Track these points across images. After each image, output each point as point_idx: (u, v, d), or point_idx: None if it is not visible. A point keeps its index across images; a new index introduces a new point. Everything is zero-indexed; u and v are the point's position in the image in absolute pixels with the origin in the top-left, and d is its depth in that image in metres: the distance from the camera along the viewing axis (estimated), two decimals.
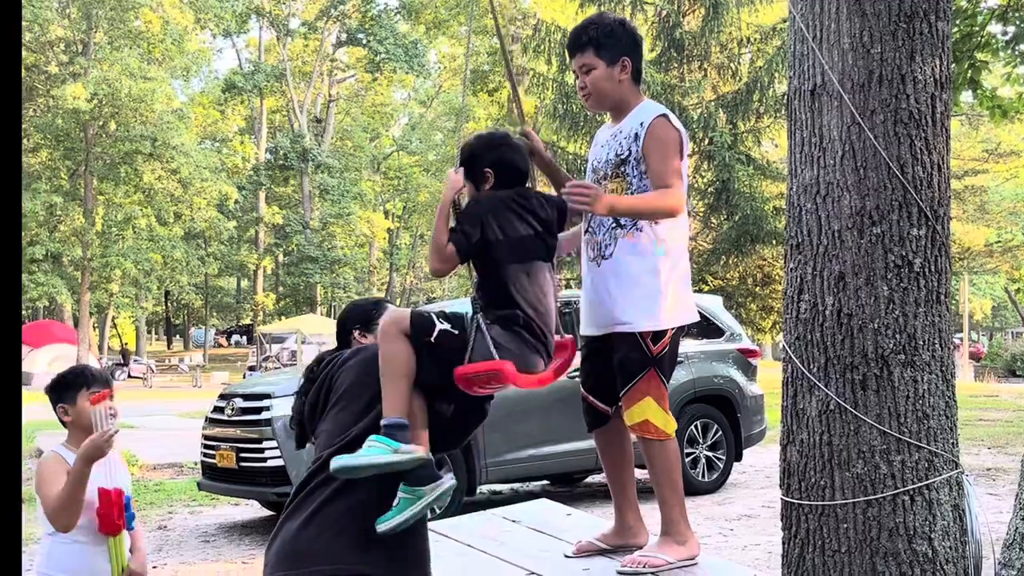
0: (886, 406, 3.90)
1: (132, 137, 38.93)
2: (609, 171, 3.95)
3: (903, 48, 3.96)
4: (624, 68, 3.97)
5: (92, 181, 39.76)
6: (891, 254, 3.93)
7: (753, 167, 22.15)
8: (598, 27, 4.01)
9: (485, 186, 3.60)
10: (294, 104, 51.97)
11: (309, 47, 55.27)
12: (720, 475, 10.38)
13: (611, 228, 3.89)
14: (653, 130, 3.85)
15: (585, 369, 4.07)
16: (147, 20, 41.15)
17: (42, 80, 41.82)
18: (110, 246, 39.60)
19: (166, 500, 10.68)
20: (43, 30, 39.20)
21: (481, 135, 3.81)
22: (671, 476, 3.85)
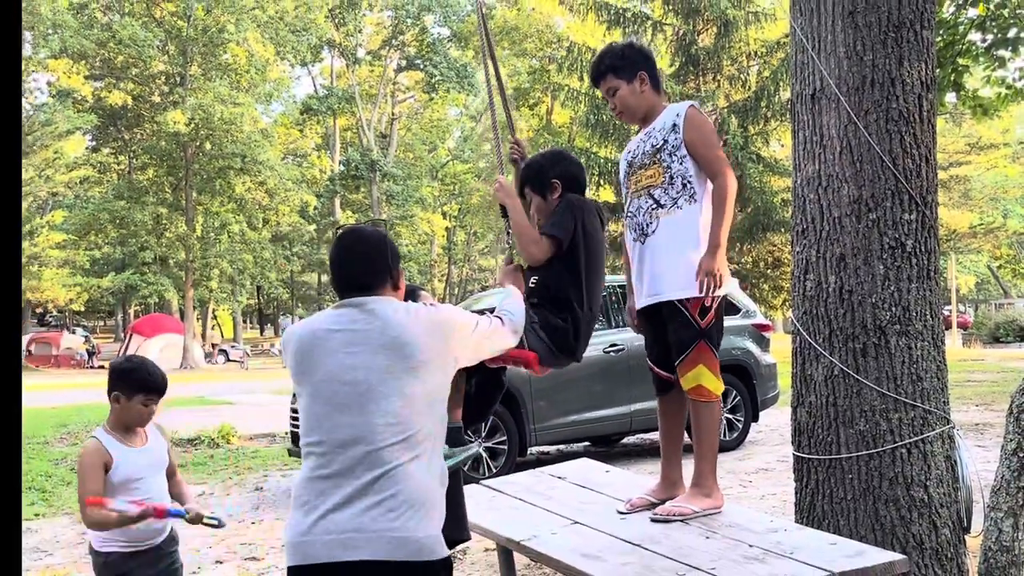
0: (884, 371, 3.86)
1: (225, 155, 39.31)
2: (646, 160, 3.89)
3: (892, 55, 3.90)
4: (643, 81, 3.93)
5: (192, 194, 40.19)
6: (886, 237, 3.87)
7: (763, 165, 21.98)
8: (611, 54, 4.01)
9: (553, 195, 3.65)
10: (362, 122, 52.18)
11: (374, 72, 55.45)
12: (740, 434, 10.31)
13: (651, 208, 3.83)
14: (691, 120, 3.78)
15: (648, 343, 4.01)
16: (234, 54, 41.48)
17: (147, 108, 42.36)
18: (209, 249, 40.04)
19: (261, 465, 10.78)
20: (146, 65, 39.65)
21: (545, 154, 3.89)
22: (711, 435, 3.82)
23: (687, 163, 3.75)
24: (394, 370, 2.60)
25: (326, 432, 2.59)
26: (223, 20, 39.33)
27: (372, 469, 2.52)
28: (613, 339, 9.62)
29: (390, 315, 2.67)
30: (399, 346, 2.62)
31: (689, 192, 3.74)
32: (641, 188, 3.88)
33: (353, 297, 2.74)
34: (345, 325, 2.68)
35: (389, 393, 2.58)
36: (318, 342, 2.68)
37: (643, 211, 3.86)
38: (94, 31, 38.87)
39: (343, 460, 2.55)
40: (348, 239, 2.86)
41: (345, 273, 2.80)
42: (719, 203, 3.67)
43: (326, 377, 2.64)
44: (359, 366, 2.61)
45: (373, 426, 2.55)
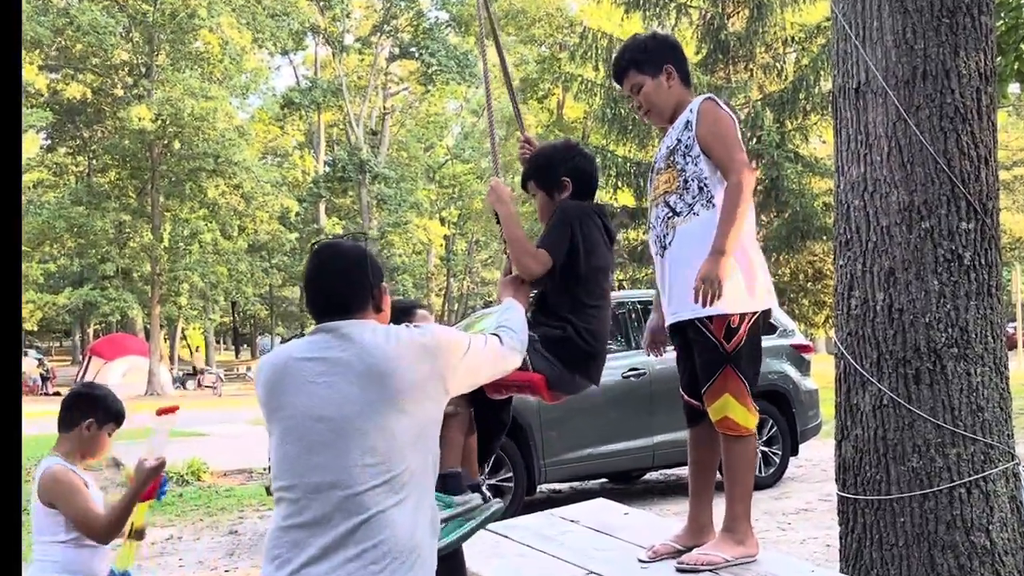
0: (940, 400, 3.85)
1: (195, 155, 39.43)
2: (663, 164, 3.89)
3: (947, 43, 3.90)
4: (670, 75, 3.91)
5: (159, 198, 40.30)
6: (940, 248, 3.87)
7: (801, 164, 21.97)
8: (632, 48, 4.00)
9: (564, 193, 3.63)
10: (350, 118, 52.32)
11: (364, 62, 55.62)
12: (777, 469, 10.29)
13: (667, 218, 3.81)
14: (705, 114, 3.76)
15: (680, 367, 3.99)
16: (206, 41, 41.64)
17: (109, 103, 42.53)
18: (177, 260, 40.11)
19: (236, 505, 10.79)
20: (108, 55, 39.82)
21: (556, 145, 3.85)
22: (744, 474, 3.78)
23: (701, 163, 3.72)
24: (374, 403, 2.58)
25: (298, 475, 2.57)
26: (194, 3, 39.49)
27: (351, 516, 2.49)
28: (633, 362, 9.60)
29: (368, 340, 2.65)
30: (378, 376, 2.60)
31: (706, 196, 3.71)
32: (659, 196, 3.88)
33: (329, 321, 2.73)
34: (319, 353, 2.66)
35: (368, 429, 2.56)
36: (289, 373, 2.67)
37: (660, 221, 3.85)
38: (49, 16, 39.05)
39: (318, 506, 2.52)
40: (324, 255, 2.85)
41: (321, 294, 2.79)
42: (728, 203, 3.59)
43: (298, 412, 2.62)
44: (334, 399, 2.59)
45: (351, 467, 2.53)
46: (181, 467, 12.58)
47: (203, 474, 12.69)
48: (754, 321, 3.72)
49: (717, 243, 3.55)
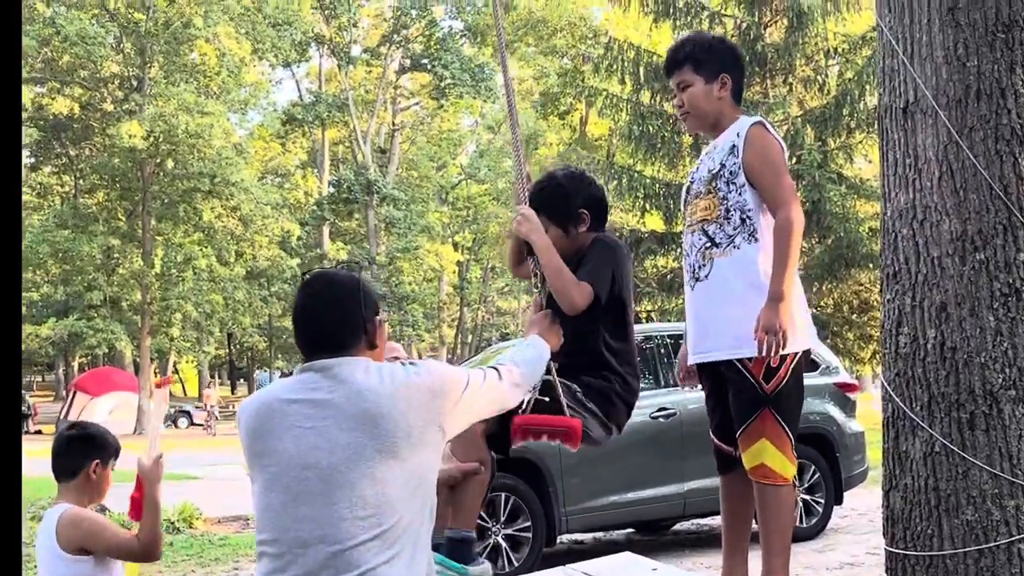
0: (997, 446, 3.83)
1: (190, 175, 39.63)
2: (702, 188, 3.90)
3: (1002, 60, 3.91)
4: (724, 85, 3.93)
5: (150, 221, 40.52)
6: (997, 282, 3.86)
7: (846, 186, 21.91)
8: (696, 43, 4.01)
9: (582, 227, 3.64)
10: (357, 135, 52.58)
11: (372, 75, 55.96)
12: (819, 520, 10.22)
13: (705, 248, 3.82)
14: (753, 141, 3.78)
15: (709, 408, 3.99)
16: (202, 53, 42.00)
17: (97, 119, 42.84)
18: (170, 288, 40.25)
19: (231, 555, 10.78)
20: (97, 67, 40.15)
21: (565, 175, 3.84)
22: (781, 525, 3.77)
23: (746, 193, 3.75)
24: (364, 450, 2.57)
25: (283, 528, 2.57)
26: (189, 12, 39.84)
27: (339, 574, 2.49)
28: (662, 402, 9.58)
29: (360, 381, 2.65)
30: (370, 420, 2.59)
31: (749, 229, 3.73)
32: (696, 222, 3.89)
33: (319, 358, 2.72)
34: (306, 395, 2.66)
35: (359, 479, 2.55)
36: (275, 416, 2.66)
37: (696, 250, 3.86)
38: (35, 26, 39.44)
39: (304, 563, 2.52)
40: (314, 286, 2.86)
41: (310, 328, 2.79)
42: (781, 243, 3.63)
43: (283, 460, 2.61)
44: (323, 446, 2.58)
45: (340, 520, 2.52)
46: (172, 513, 12.58)
47: (195, 521, 12.67)
48: (796, 361, 3.73)
49: (774, 288, 3.57)
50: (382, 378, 2.66)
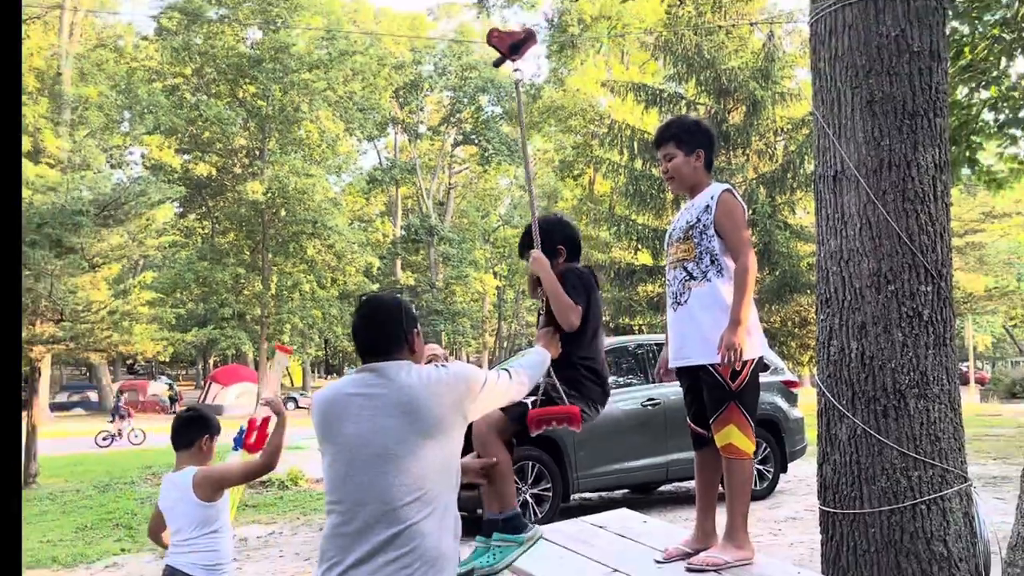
0: (904, 431, 3.80)
1: (298, 221, 39.89)
2: (680, 235, 3.89)
3: (908, 140, 3.90)
4: (699, 157, 3.92)
5: (268, 256, 40.77)
6: (904, 307, 3.84)
7: (789, 232, 21.81)
8: (679, 125, 4.00)
9: (559, 259, 3.67)
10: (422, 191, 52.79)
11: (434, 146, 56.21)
12: (769, 484, 10.16)
13: (684, 280, 3.82)
14: (723, 205, 3.76)
15: (686, 402, 3.98)
16: (308, 130, 42.31)
17: (229, 179, 43.22)
18: (282, 306, 40.46)
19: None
20: (229, 140, 40.56)
21: (553, 218, 3.88)
22: (742, 490, 3.75)
23: (714, 241, 3.75)
24: (407, 433, 2.59)
25: (347, 492, 2.58)
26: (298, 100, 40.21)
27: (390, 527, 2.51)
28: (650, 394, 9.56)
29: (402, 379, 2.66)
30: (411, 410, 2.61)
31: (717, 267, 3.74)
32: (676, 260, 3.90)
33: (372, 361, 2.74)
34: (362, 389, 2.67)
35: (404, 455, 2.57)
36: (339, 407, 2.68)
37: (677, 281, 3.87)
38: (184, 110, 39.91)
39: (363, 518, 2.53)
40: (366, 308, 2.86)
41: (363, 340, 2.79)
42: (739, 282, 3.65)
43: (346, 440, 2.62)
44: (376, 430, 2.59)
45: (389, 487, 2.55)
46: (282, 475, 12.63)
47: (300, 480, 12.72)
48: (755, 364, 3.74)
49: (735, 315, 3.57)
50: (420, 377, 2.67)
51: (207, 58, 40.70)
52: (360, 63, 42.63)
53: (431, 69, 51.84)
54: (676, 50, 22.42)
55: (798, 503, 9.78)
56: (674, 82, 23.85)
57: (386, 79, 45.93)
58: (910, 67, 3.93)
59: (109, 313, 13.98)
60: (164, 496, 3.89)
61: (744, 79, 21.85)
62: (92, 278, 14.48)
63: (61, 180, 17.47)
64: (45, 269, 12.87)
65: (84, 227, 13.34)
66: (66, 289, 13.25)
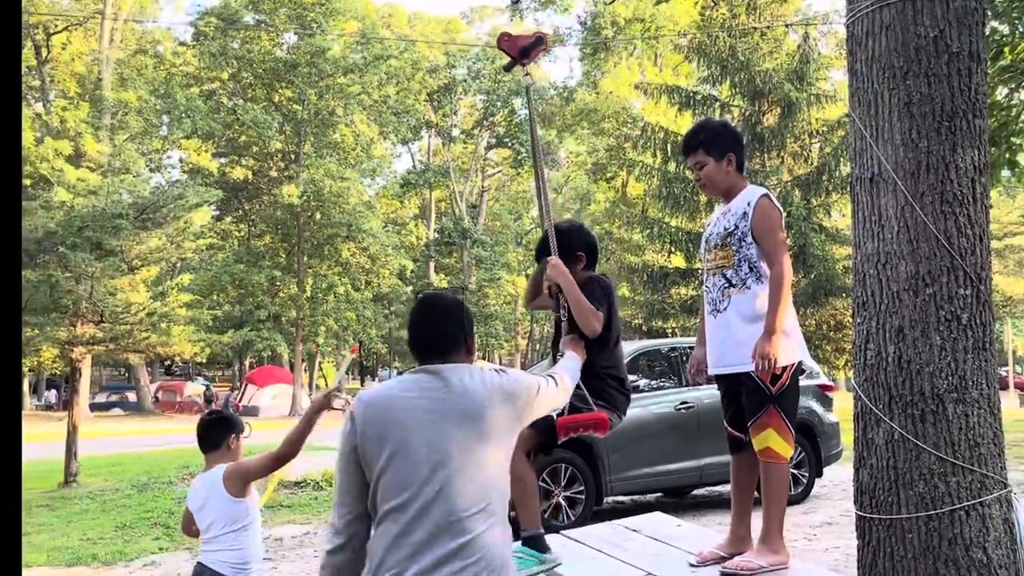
0: (942, 436, 3.75)
1: (333, 224, 40.17)
2: (718, 242, 3.88)
3: (946, 142, 3.85)
4: (730, 161, 3.91)
5: (303, 258, 41.09)
6: (942, 311, 3.79)
7: (825, 235, 21.61)
8: (706, 131, 3.98)
9: (579, 265, 3.67)
10: (455, 194, 52.92)
11: (467, 150, 56.34)
12: (804, 489, 10.06)
13: (723, 287, 3.81)
14: (759, 211, 3.76)
15: (723, 405, 3.96)
16: (343, 134, 42.59)
17: (265, 182, 43.63)
18: (317, 308, 40.75)
19: None
20: (265, 144, 40.93)
21: (573, 226, 3.87)
22: (779, 494, 3.73)
23: (752, 249, 3.75)
24: (472, 441, 2.48)
25: (409, 501, 2.44)
26: (333, 104, 40.51)
27: (455, 538, 2.40)
28: (684, 397, 9.51)
29: (466, 383, 2.54)
30: (475, 417, 2.50)
31: (756, 274, 3.74)
32: (715, 267, 3.88)
33: (430, 363, 2.61)
34: (422, 393, 2.54)
35: (469, 464, 2.46)
36: (397, 411, 2.52)
37: (716, 288, 3.87)
38: (220, 114, 40.35)
39: (427, 528, 2.41)
40: (428, 305, 2.73)
41: (425, 339, 2.66)
42: (774, 290, 3.64)
43: (406, 446, 2.47)
44: (440, 437, 2.47)
45: (455, 497, 2.43)
46: (316, 475, 12.71)
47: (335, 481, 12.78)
48: (794, 368, 3.73)
49: (770, 324, 3.58)
50: (483, 382, 2.57)
51: (244, 63, 41.12)
52: (394, 67, 42.86)
53: (465, 72, 51.96)
54: (710, 52, 22.30)
55: (833, 508, 9.68)
56: (708, 84, 23.73)
57: (420, 83, 46.10)
58: (949, 68, 3.88)
59: (148, 315, 14.15)
60: (193, 496, 3.95)
61: (779, 81, 21.69)
62: (131, 280, 14.67)
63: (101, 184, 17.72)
64: (86, 271, 13.06)
65: (124, 230, 13.52)
66: (106, 291, 13.43)
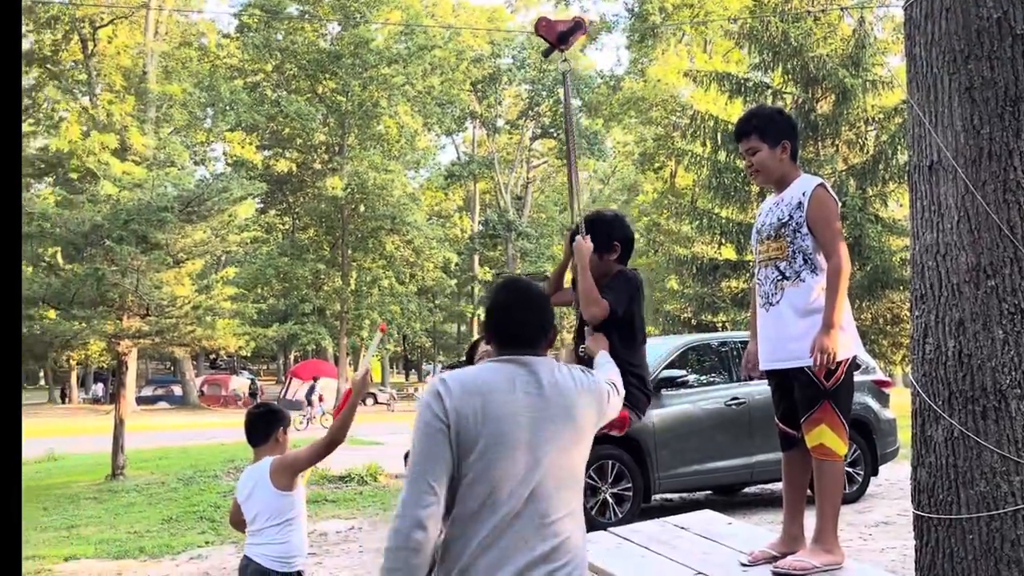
0: (1004, 434, 3.67)
1: (377, 216, 40.49)
2: (771, 233, 3.83)
3: (1010, 128, 3.76)
4: (784, 149, 3.86)
5: (347, 251, 41.45)
6: (1005, 303, 3.71)
7: (881, 225, 21.27)
8: (760, 116, 3.94)
9: (612, 255, 3.66)
10: (500, 186, 52.99)
11: (512, 140, 56.34)
12: (860, 487, 9.93)
13: (777, 280, 3.77)
14: (815, 201, 3.70)
15: (775, 401, 3.92)
16: (387, 125, 42.85)
17: (309, 175, 44.08)
18: (361, 301, 41.10)
19: None
20: (309, 136, 41.32)
21: (615, 215, 3.87)
22: (833, 492, 3.69)
23: (807, 240, 3.70)
24: (565, 439, 2.37)
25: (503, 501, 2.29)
26: (377, 95, 40.76)
27: (546, 541, 2.29)
28: (734, 393, 9.43)
29: (557, 380, 2.41)
30: (568, 412, 2.39)
31: (811, 266, 3.69)
32: (768, 259, 3.84)
33: (517, 353, 2.43)
34: (517, 386, 2.36)
35: (562, 464, 2.36)
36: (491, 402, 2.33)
37: (769, 280, 3.82)
38: (264, 106, 40.80)
39: (517, 530, 2.28)
40: (522, 291, 2.53)
41: (513, 325, 2.46)
42: (831, 283, 3.60)
43: (502, 441, 2.30)
44: (537, 435, 2.33)
45: (548, 497, 2.32)
46: (361, 469, 12.82)
47: (379, 476, 12.88)
48: (849, 363, 3.68)
49: (828, 317, 3.54)
50: (573, 379, 2.45)
51: (287, 54, 41.53)
52: (439, 57, 42.99)
53: (509, 61, 51.95)
54: (761, 38, 22.03)
55: (890, 507, 9.54)
56: (759, 71, 23.44)
57: (464, 73, 46.19)
58: (1013, 51, 3.79)
59: (193, 308, 14.36)
60: (241, 486, 4.01)
61: (833, 67, 21.36)
62: (176, 273, 14.89)
63: (147, 177, 18.00)
64: (132, 265, 13.28)
65: (169, 223, 13.73)
66: (151, 284, 13.65)
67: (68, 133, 39.22)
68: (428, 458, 2.31)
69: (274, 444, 4.04)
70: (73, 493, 12.62)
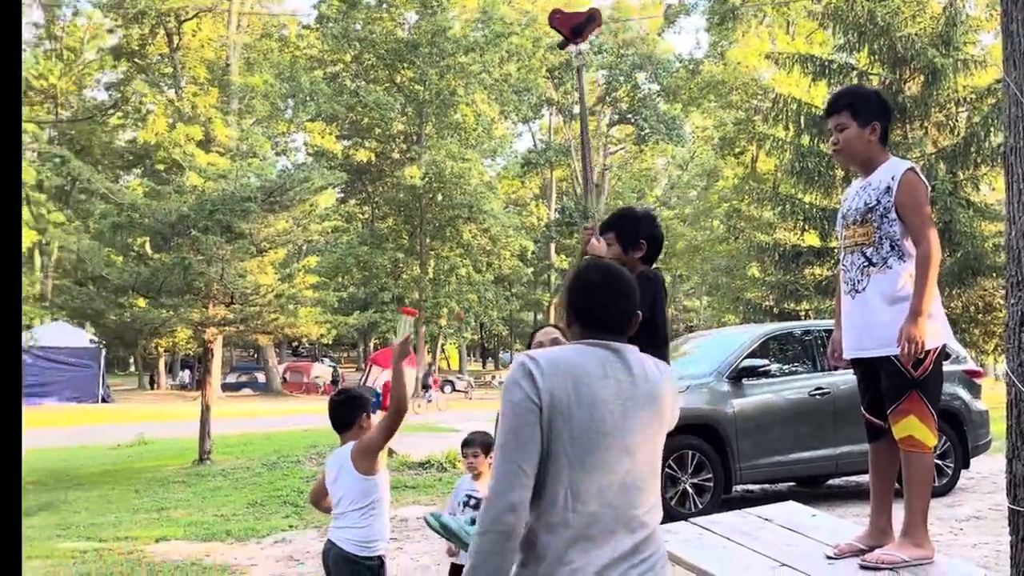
0: None
1: (454, 205, 40.74)
2: (858, 218, 3.74)
3: None
4: (874, 130, 3.76)
5: (425, 240, 41.81)
6: None
7: (973, 210, 20.59)
8: (854, 94, 3.86)
9: (637, 253, 3.63)
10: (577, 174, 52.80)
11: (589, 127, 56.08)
12: (950, 480, 9.67)
13: (863, 266, 3.68)
14: (905, 185, 3.60)
15: (861, 390, 3.84)
16: (464, 114, 43.00)
17: (388, 164, 44.53)
18: (439, 290, 41.45)
19: None
20: (388, 126, 41.72)
21: (645, 212, 3.87)
22: (922, 485, 3.60)
23: (896, 226, 3.60)
24: (653, 428, 2.32)
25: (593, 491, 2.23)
26: (454, 84, 40.95)
27: (633, 533, 2.26)
28: (818, 383, 9.26)
29: (645, 368, 2.35)
30: (655, 402, 2.33)
31: (898, 252, 3.59)
32: (854, 245, 3.74)
33: (604, 338, 2.35)
34: (608, 372, 2.29)
35: (650, 454, 2.32)
36: (583, 385, 2.25)
37: (855, 267, 3.73)
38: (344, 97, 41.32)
39: (604, 523, 2.23)
40: (612, 275, 2.43)
41: (603, 309, 2.37)
42: (921, 270, 3.49)
43: (593, 427, 2.23)
44: (628, 424, 2.27)
45: (636, 490, 2.28)
46: (440, 456, 12.95)
47: (458, 463, 12.98)
48: (938, 352, 3.57)
49: (916, 305, 3.44)
50: (656, 368, 2.39)
51: (366, 44, 41.98)
52: (515, 44, 42.96)
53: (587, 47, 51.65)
54: (846, 18, 21.49)
55: (981, 501, 9.27)
56: (844, 52, 22.84)
57: (541, 60, 46.08)
58: None
59: (276, 296, 14.65)
60: (329, 468, 4.10)
61: (922, 46, 20.73)
62: (259, 262, 15.20)
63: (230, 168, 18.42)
64: (217, 254, 13.60)
65: (252, 213, 14.02)
66: (236, 273, 13.96)
67: (155, 126, 40.38)
68: (519, 439, 2.22)
69: (358, 430, 4.11)
70: (163, 476, 13.02)
